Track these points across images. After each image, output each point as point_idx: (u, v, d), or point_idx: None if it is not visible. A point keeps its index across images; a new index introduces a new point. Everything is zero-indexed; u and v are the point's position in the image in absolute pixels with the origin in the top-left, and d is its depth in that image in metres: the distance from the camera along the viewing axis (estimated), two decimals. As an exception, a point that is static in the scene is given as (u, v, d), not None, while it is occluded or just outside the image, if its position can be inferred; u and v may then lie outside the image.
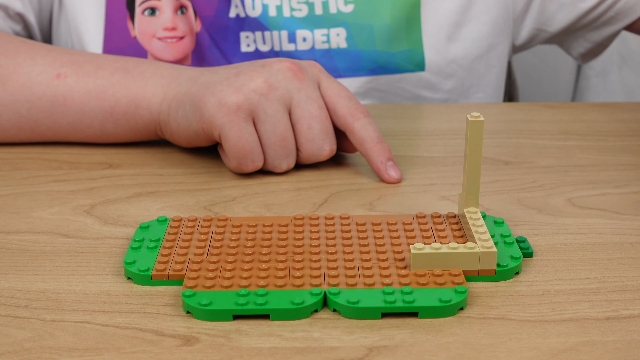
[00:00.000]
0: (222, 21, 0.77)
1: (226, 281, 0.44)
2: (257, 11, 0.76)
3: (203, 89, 0.60)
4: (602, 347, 0.40)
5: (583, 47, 0.90)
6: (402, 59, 0.82)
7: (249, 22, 0.76)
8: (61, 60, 0.67)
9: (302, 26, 0.77)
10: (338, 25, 0.77)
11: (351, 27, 0.78)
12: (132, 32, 0.77)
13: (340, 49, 0.79)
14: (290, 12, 0.75)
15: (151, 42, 0.78)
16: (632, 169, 0.63)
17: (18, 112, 0.66)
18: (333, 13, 0.77)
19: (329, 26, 0.77)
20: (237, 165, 0.60)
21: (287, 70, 0.60)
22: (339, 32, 0.77)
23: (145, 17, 0.77)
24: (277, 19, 0.76)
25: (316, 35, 0.77)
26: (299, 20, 0.76)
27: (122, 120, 0.65)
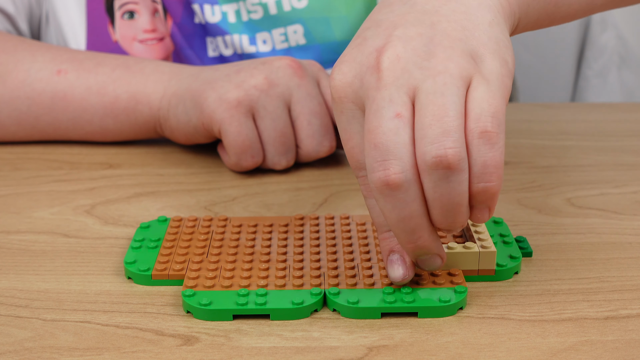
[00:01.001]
0: (189, 27, 0.78)
1: (226, 281, 0.44)
2: (217, 17, 0.76)
3: (204, 85, 0.60)
4: (601, 346, 0.40)
5: None
6: None
7: (210, 28, 0.76)
8: (61, 57, 0.67)
9: (260, 28, 0.77)
10: (294, 22, 0.77)
11: (307, 22, 0.78)
12: (113, 37, 0.77)
13: (299, 45, 0.79)
14: (247, 16, 0.76)
15: (132, 45, 0.78)
16: (631, 169, 0.63)
17: (18, 109, 0.66)
18: (287, 11, 0.77)
19: (285, 24, 0.77)
20: (236, 160, 0.60)
21: (287, 67, 0.60)
22: (296, 30, 0.77)
23: (125, 21, 0.77)
24: (237, 24, 0.76)
25: (274, 35, 0.77)
26: (257, 22, 0.76)
27: (122, 116, 0.65)
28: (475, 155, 0.39)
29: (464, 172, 0.39)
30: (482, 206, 0.40)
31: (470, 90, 0.39)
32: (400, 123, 0.39)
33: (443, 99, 0.38)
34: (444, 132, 0.38)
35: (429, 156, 0.38)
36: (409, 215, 0.40)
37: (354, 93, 0.41)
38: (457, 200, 0.39)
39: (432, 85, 0.39)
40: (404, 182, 0.39)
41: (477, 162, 0.39)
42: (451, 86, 0.39)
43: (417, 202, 0.39)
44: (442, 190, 0.39)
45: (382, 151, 0.39)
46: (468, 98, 0.39)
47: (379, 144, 0.39)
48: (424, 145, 0.38)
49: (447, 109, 0.38)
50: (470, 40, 0.41)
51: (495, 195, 0.39)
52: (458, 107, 0.39)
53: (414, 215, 0.40)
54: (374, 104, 0.39)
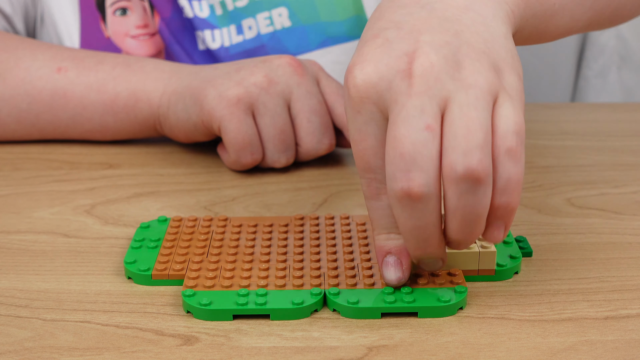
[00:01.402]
0: (178, 22, 0.78)
1: (226, 281, 0.44)
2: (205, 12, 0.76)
3: (204, 83, 0.60)
4: (601, 346, 0.40)
5: None
6: (351, 26, 0.80)
7: (197, 22, 0.76)
8: (62, 55, 0.67)
9: (245, 15, 0.77)
10: (278, 5, 0.77)
11: (291, 4, 0.78)
12: (105, 33, 0.77)
13: (285, 28, 0.79)
14: (233, 5, 0.76)
15: (124, 40, 0.78)
16: (631, 169, 0.63)
17: (18, 107, 0.66)
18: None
19: (270, 8, 0.77)
20: (236, 158, 0.60)
21: (287, 65, 0.61)
22: (280, 12, 0.77)
23: (117, 17, 0.77)
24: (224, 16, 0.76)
25: (259, 20, 0.77)
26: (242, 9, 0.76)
27: (122, 114, 0.65)
28: (500, 170, 0.39)
29: (490, 185, 0.39)
30: (499, 223, 0.41)
31: (497, 106, 0.40)
32: (430, 136, 0.39)
33: (476, 113, 0.39)
34: (476, 146, 0.38)
35: (460, 167, 0.38)
36: (425, 225, 0.40)
37: (378, 95, 0.40)
38: (479, 212, 0.39)
39: (465, 98, 0.39)
40: (426, 194, 0.39)
41: (502, 177, 0.39)
42: (482, 101, 0.39)
43: (435, 214, 0.40)
44: (467, 202, 0.39)
45: (408, 162, 0.39)
46: (495, 114, 0.40)
47: (405, 154, 0.39)
48: (455, 156, 0.38)
49: (480, 123, 0.39)
50: (492, 53, 0.41)
51: (513, 212, 0.40)
52: (488, 122, 0.39)
53: (429, 225, 0.40)
54: (404, 111, 0.39)
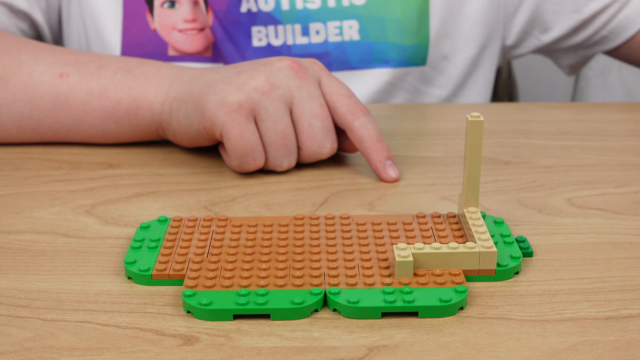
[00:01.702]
0: (234, 16, 0.78)
1: (226, 281, 0.44)
2: (270, 5, 0.76)
3: (205, 88, 0.60)
4: (602, 346, 0.40)
5: (573, 60, 0.91)
6: (412, 52, 0.82)
7: (261, 16, 0.76)
8: (64, 60, 0.67)
9: (315, 19, 0.77)
10: (351, 17, 0.78)
11: (363, 19, 0.79)
12: (152, 25, 0.77)
13: (353, 41, 0.80)
14: (303, 5, 0.76)
15: (171, 34, 0.78)
16: (632, 169, 0.63)
17: (20, 112, 0.66)
18: (346, 6, 0.78)
19: (341, 18, 0.78)
20: (238, 164, 0.60)
21: (288, 68, 0.60)
22: (351, 25, 0.78)
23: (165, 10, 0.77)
24: (290, 12, 0.76)
25: (329, 27, 0.77)
26: (312, 12, 0.76)
27: (123, 120, 0.65)
28: None
29: None
30: None
31: None
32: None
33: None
34: None
35: None
36: None
37: None
38: None
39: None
40: None
41: None
42: None
43: None
44: None
45: None
46: None
47: None
48: None
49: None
50: None
51: None
52: None
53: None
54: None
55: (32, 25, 0.81)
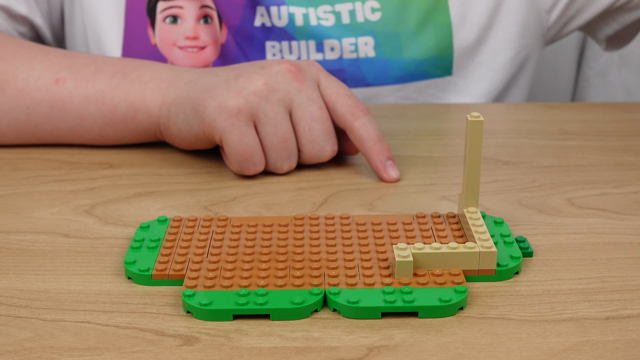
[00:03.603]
0: (248, 30, 0.77)
1: (226, 281, 0.44)
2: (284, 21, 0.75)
3: (203, 93, 0.59)
4: (602, 346, 0.40)
5: (612, 28, 0.87)
6: (431, 65, 0.81)
7: (275, 31, 0.75)
8: (59, 64, 0.67)
9: (330, 35, 0.76)
10: (366, 34, 0.77)
11: (378, 35, 0.77)
12: (152, 40, 0.76)
13: (368, 58, 0.79)
14: (317, 21, 0.75)
15: (172, 50, 0.77)
16: (632, 169, 0.63)
17: (17, 118, 0.66)
18: (360, 22, 0.76)
19: (356, 35, 0.77)
20: (238, 168, 0.60)
21: (287, 71, 0.60)
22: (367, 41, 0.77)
23: (167, 25, 0.76)
24: (304, 28, 0.75)
25: (344, 44, 0.76)
26: (327, 29, 0.75)
27: (121, 125, 0.65)
28: None
29: None
30: None
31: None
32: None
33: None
34: None
35: None
36: None
37: None
38: None
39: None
40: None
41: None
42: None
43: None
44: None
45: None
46: None
47: None
48: None
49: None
50: None
51: None
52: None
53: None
54: None
55: (32, 28, 0.81)
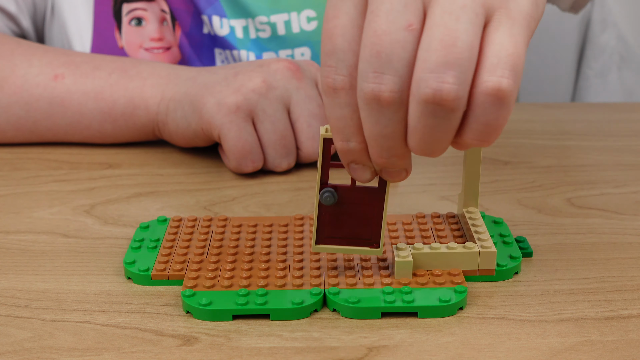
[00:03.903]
0: (197, 37, 0.77)
1: (226, 281, 0.44)
2: (225, 30, 0.76)
3: (202, 90, 0.60)
4: (602, 346, 0.40)
5: None
6: None
7: (219, 40, 0.76)
8: (58, 61, 0.67)
9: (268, 48, 0.77)
10: (302, 44, 0.77)
11: (315, 45, 0.77)
12: (120, 42, 0.77)
13: None
14: (255, 34, 0.75)
15: (138, 52, 0.77)
16: (632, 169, 0.63)
17: (16, 114, 0.66)
18: (296, 32, 0.76)
19: (292, 46, 0.77)
20: (236, 165, 0.60)
21: (285, 69, 0.60)
22: (303, 52, 0.77)
23: (132, 27, 0.76)
24: (244, 40, 0.76)
25: (281, 56, 0.76)
26: (264, 41, 0.76)
27: (120, 121, 0.65)
28: (478, 111, 0.35)
29: (457, 112, 0.35)
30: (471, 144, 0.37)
31: (491, 27, 0.35)
32: (410, 37, 0.35)
33: (457, 25, 0.34)
34: (447, 63, 0.34)
35: (424, 85, 0.34)
36: (391, 134, 0.37)
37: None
38: (439, 137, 0.36)
39: (449, 3, 0.35)
40: (397, 101, 0.36)
41: (478, 119, 0.35)
42: (469, 11, 0.35)
43: (402, 123, 0.37)
44: (427, 124, 0.35)
45: (384, 62, 0.35)
46: (486, 35, 0.35)
47: (382, 53, 0.35)
48: (422, 71, 0.34)
49: (458, 38, 0.34)
50: None
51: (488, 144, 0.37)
52: (471, 38, 0.34)
53: (395, 136, 0.37)
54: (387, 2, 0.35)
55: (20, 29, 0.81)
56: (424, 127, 0.36)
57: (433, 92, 0.34)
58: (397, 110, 0.36)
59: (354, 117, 0.38)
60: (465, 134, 0.36)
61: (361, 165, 0.40)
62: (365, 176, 0.41)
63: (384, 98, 0.35)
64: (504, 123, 0.36)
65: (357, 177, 0.41)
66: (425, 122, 0.36)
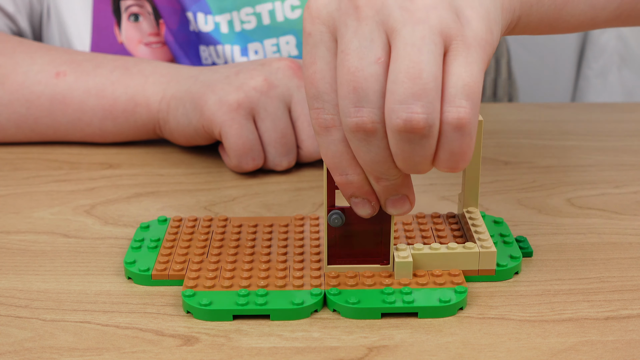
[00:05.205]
0: (185, 34, 0.78)
1: (226, 281, 0.44)
2: (210, 26, 0.76)
3: (203, 88, 0.60)
4: (602, 346, 0.40)
5: None
6: None
7: (203, 36, 0.76)
8: (60, 59, 0.67)
9: (253, 39, 0.77)
10: (287, 33, 0.77)
11: (299, 33, 0.78)
12: (119, 38, 0.77)
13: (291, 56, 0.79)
14: (240, 26, 0.75)
15: (137, 47, 0.78)
16: (632, 169, 0.63)
17: (18, 111, 0.66)
18: (280, 21, 0.77)
19: (277, 35, 0.77)
20: (237, 163, 0.60)
21: (287, 68, 0.60)
22: (288, 40, 0.77)
23: (131, 23, 0.77)
24: (229, 35, 0.76)
25: (266, 46, 0.77)
26: (249, 32, 0.76)
27: (121, 119, 0.65)
28: (444, 139, 0.38)
29: (431, 138, 0.38)
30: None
31: (449, 56, 0.38)
32: (380, 69, 0.38)
33: (419, 56, 0.37)
34: (414, 95, 0.37)
35: (395, 116, 0.37)
36: (383, 160, 0.39)
37: (329, 15, 0.39)
38: (417, 160, 0.39)
39: (410, 35, 0.37)
40: (380, 130, 0.38)
41: (445, 147, 0.38)
42: (429, 42, 0.37)
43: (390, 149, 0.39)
44: (404, 150, 0.38)
45: (361, 96, 0.38)
46: (446, 66, 0.38)
47: (358, 88, 0.38)
48: (393, 103, 0.37)
49: (422, 70, 0.37)
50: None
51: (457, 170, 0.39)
52: (434, 69, 0.37)
53: (388, 159, 0.39)
54: (355, 40, 0.38)
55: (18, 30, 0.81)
56: (402, 152, 0.38)
57: (404, 122, 0.37)
58: (382, 137, 0.39)
59: (347, 150, 0.40)
60: (436, 161, 0.39)
61: (361, 199, 0.42)
62: (366, 210, 0.43)
63: (368, 129, 0.38)
64: (468, 151, 0.38)
65: (359, 211, 0.43)
66: (402, 148, 0.38)
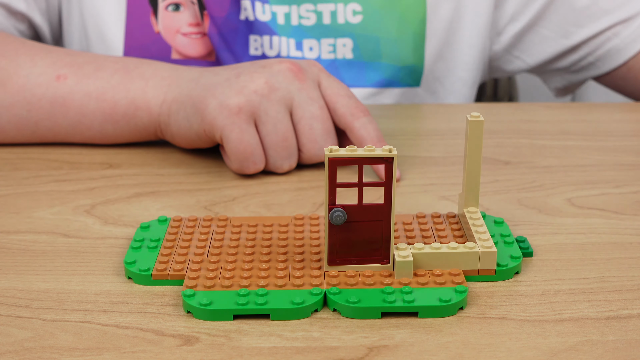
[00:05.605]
0: (233, 23, 0.78)
1: (226, 281, 0.44)
2: (267, 16, 0.76)
3: (204, 91, 0.60)
4: (602, 346, 0.40)
5: (560, 83, 0.91)
6: (406, 73, 0.82)
7: (257, 25, 0.76)
8: (61, 61, 0.67)
9: (310, 35, 0.77)
10: (345, 35, 0.77)
11: (358, 38, 0.78)
12: (155, 27, 0.77)
13: (346, 59, 0.79)
14: (298, 21, 0.75)
15: (175, 37, 0.78)
16: (632, 169, 0.63)
17: (18, 114, 0.66)
18: (341, 23, 0.77)
19: (336, 36, 0.77)
20: (238, 167, 0.60)
21: (288, 71, 0.60)
22: (345, 43, 0.77)
23: (169, 13, 0.77)
24: (285, 27, 0.76)
25: (323, 44, 0.77)
26: (307, 29, 0.76)
27: (121, 122, 0.65)
28: None
29: None
30: None
31: None
32: None
33: None
34: None
35: None
36: None
37: None
38: None
39: None
40: None
41: None
42: None
43: None
44: None
45: None
46: None
47: None
48: None
49: None
50: None
51: None
52: None
53: None
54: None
55: (31, 26, 0.81)
56: None
57: None
58: None
59: None
60: None
61: None
62: None
63: None
64: None
65: None
66: None
